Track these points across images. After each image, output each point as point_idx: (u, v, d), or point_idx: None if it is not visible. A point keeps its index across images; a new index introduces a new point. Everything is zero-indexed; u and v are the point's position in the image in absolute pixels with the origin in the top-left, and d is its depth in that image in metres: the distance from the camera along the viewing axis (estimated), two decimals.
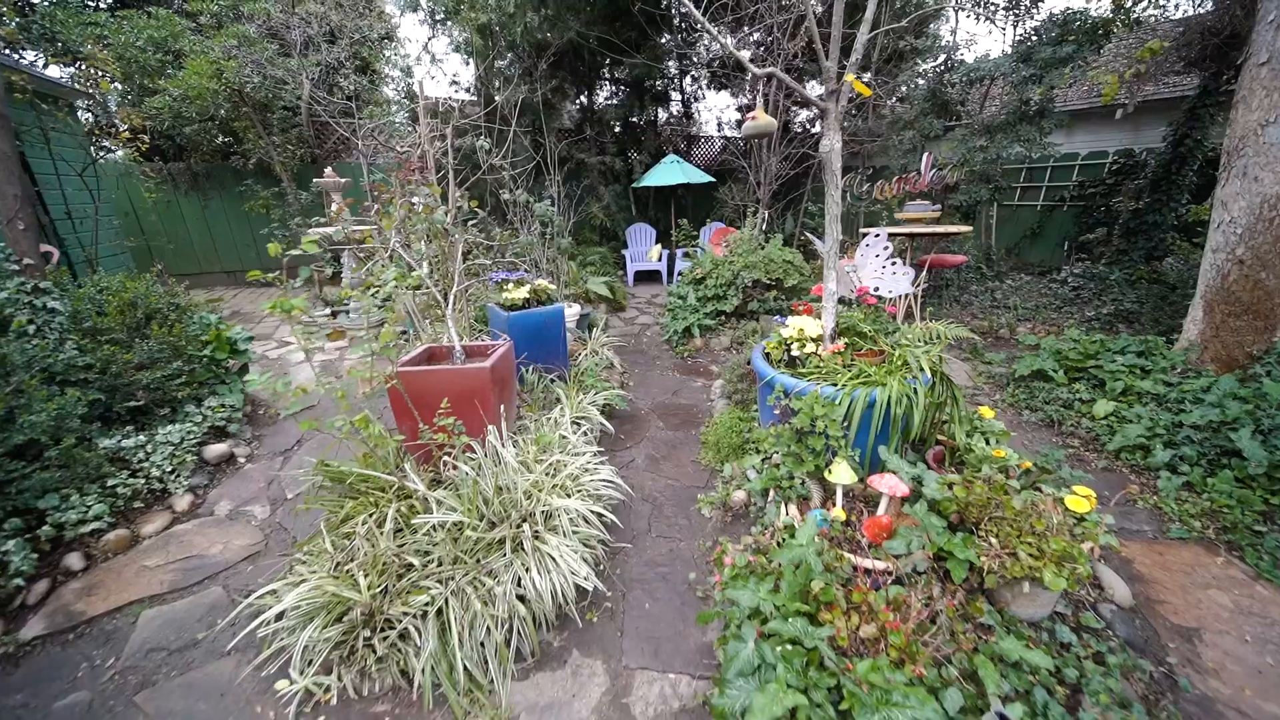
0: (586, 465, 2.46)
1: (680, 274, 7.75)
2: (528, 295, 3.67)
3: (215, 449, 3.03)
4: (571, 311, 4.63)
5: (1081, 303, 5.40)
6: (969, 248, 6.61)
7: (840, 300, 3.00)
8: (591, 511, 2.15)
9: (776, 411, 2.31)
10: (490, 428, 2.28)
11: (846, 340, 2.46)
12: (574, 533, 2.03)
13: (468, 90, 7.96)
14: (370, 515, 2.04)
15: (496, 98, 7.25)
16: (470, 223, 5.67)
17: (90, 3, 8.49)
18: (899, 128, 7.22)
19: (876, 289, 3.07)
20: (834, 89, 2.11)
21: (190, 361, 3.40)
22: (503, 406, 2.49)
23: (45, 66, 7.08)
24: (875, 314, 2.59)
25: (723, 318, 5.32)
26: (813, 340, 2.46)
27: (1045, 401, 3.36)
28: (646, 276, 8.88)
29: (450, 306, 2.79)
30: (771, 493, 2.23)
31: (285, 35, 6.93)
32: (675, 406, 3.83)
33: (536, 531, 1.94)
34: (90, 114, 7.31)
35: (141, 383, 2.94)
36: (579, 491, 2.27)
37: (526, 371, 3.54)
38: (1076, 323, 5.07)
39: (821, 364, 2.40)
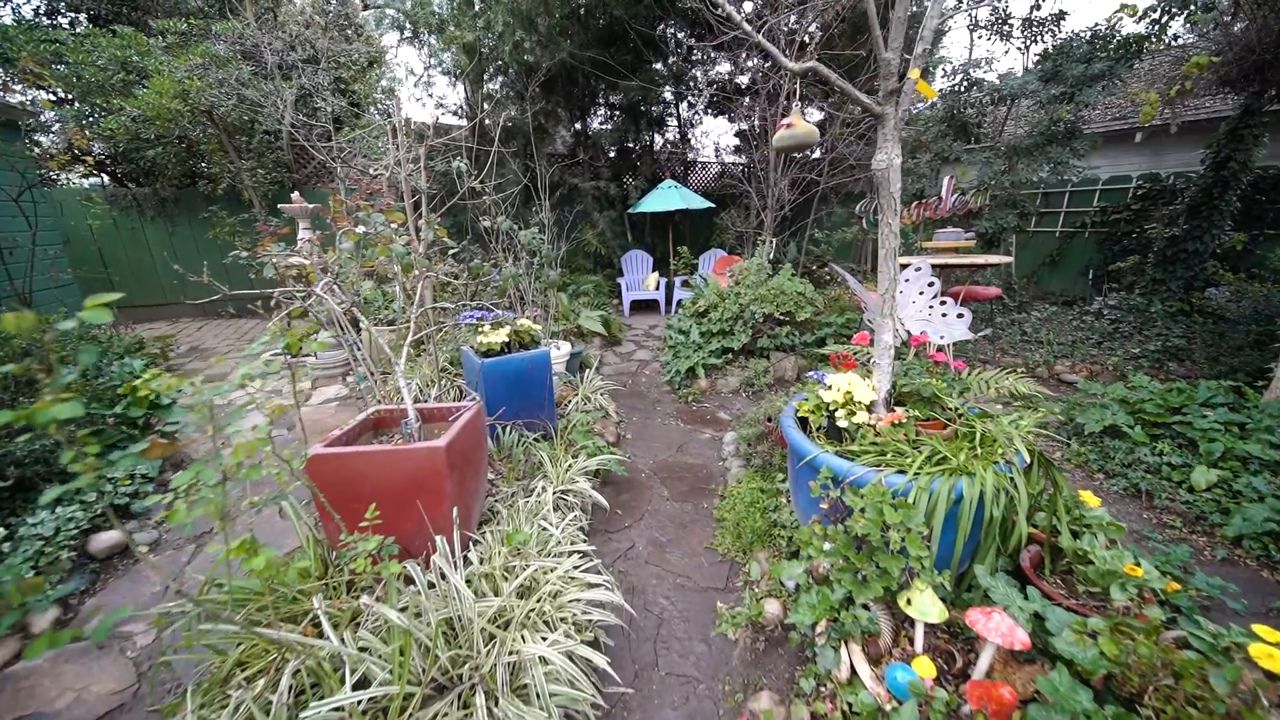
0: (573, 573, 1.87)
1: (680, 304, 7.27)
2: (507, 338, 3.13)
3: (104, 538, 2.41)
4: (560, 352, 4.09)
5: (1122, 337, 4.93)
6: (989, 276, 6.18)
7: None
8: (578, 656, 1.55)
9: (824, 505, 1.74)
10: (441, 540, 1.69)
11: (911, 409, 1.92)
12: (552, 695, 1.43)
13: (455, 113, 7.60)
14: (266, 672, 1.44)
15: (485, 120, 6.87)
16: (451, 253, 5.17)
17: (63, 22, 8.17)
18: (906, 150, 6.88)
19: (922, 333, 2.55)
20: (894, 88, 1.62)
21: (94, 422, 2.81)
22: (461, 501, 1.90)
23: (4, 88, 6.67)
24: (942, 371, 2.05)
25: (730, 355, 4.79)
26: (864, 407, 1.92)
27: (1125, 464, 2.81)
28: (643, 306, 8.40)
29: (403, 361, 2.24)
30: (824, 624, 1.64)
31: (259, 56, 6.55)
32: (681, 467, 3.25)
33: (496, 709, 1.34)
34: (47, 134, 6.86)
35: (13, 456, 2.34)
36: (562, 619, 1.67)
37: (503, 431, 2.97)
38: (1121, 360, 4.58)
39: (878, 439, 1.85)
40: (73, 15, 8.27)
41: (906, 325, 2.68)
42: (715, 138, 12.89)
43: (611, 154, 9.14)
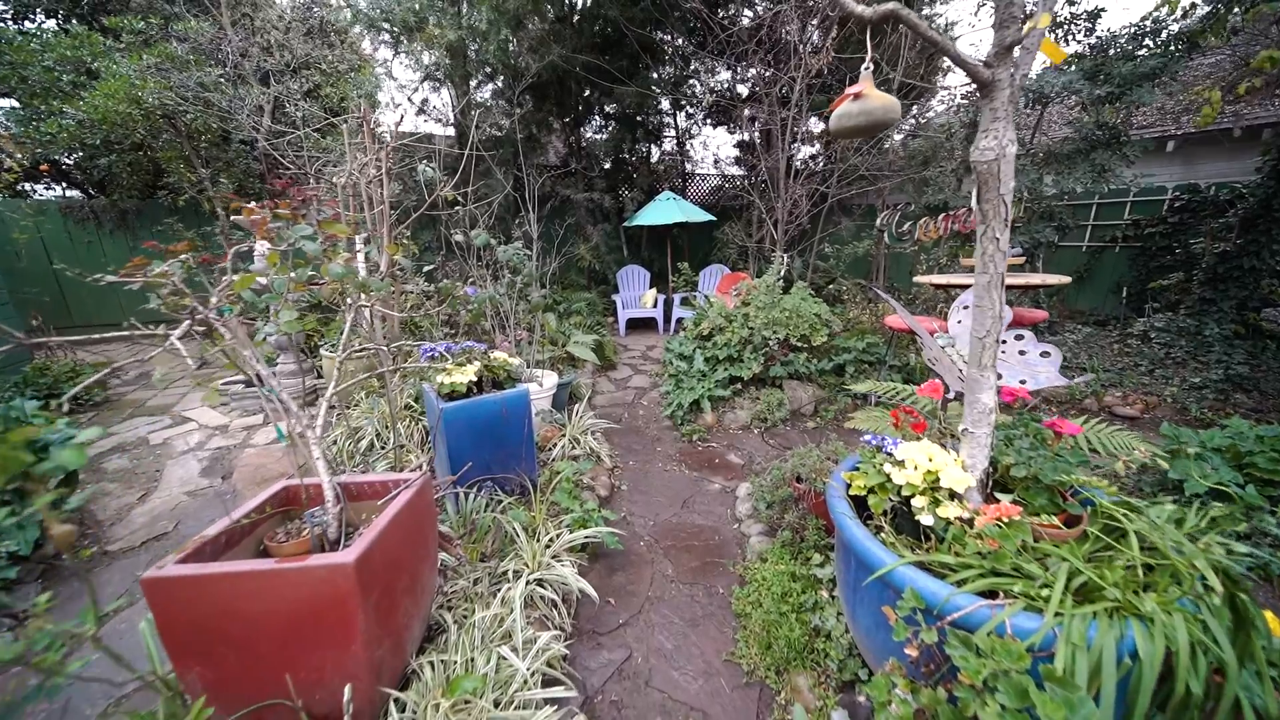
0: None
1: (680, 323, 6.75)
2: (475, 376, 2.57)
3: None
4: (545, 386, 3.53)
5: (1175, 363, 4.42)
6: (1018, 296, 5.70)
7: (950, 396, 1.94)
8: None
9: (910, 651, 1.18)
10: None
11: (1021, 498, 1.37)
12: None
13: (439, 120, 7.14)
14: None
15: (471, 126, 6.40)
16: (426, 269, 4.63)
17: (29, 25, 7.68)
18: (917, 163, 6.46)
19: (999, 378, 2.02)
20: (1012, 41, 1.11)
21: None
22: (386, 628, 1.32)
23: None
24: (1066, 446, 1.50)
25: (738, 385, 4.25)
26: (953, 496, 1.37)
27: (1241, 535, 2.26)
28: (640, 324, 7.89)
29: (320, 419, 1.68)
30: None
31: (233, 59, 6.06)
32: (688, 531, 2.68)
33: None
34: None
35: None
36: None
37: (466, 497, 2.39)
38: (1179, 390, 4.07)
39: (980, 543, 1.29)
40: (41, 19, 7.83)
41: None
42: (715, 149, 12.52)
43: (606, 165, 8.70)
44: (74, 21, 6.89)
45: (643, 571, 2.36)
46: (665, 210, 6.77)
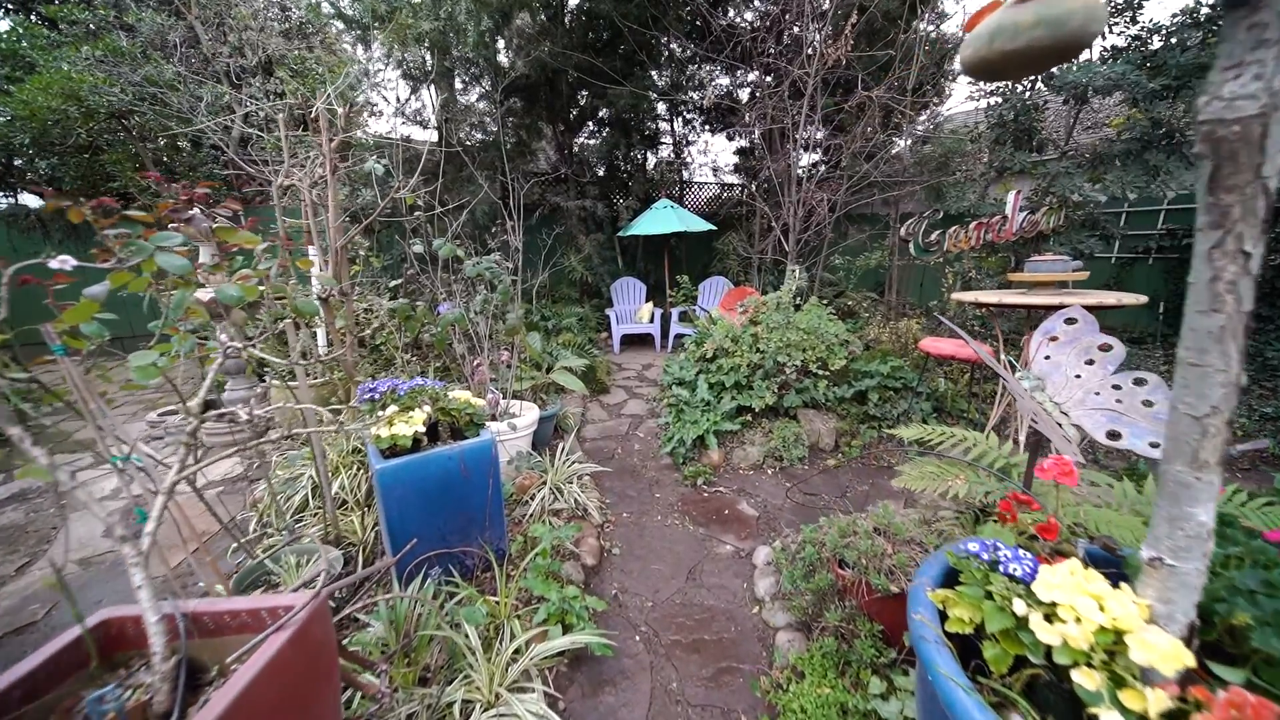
0: None
1: (680, 340, 6.24)
2: (424, 425, 2.03)
3: None
4: (522, 425, 2.99)
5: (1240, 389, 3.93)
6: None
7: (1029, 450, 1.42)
8: None
9: None
10: None
11: (1263, 681, 0.84)
12: None
13: (419, 123, 6.65)
14: None
15: (443, 120, 5.92)
16: (392, 285, 4.11)
17: None
18: (930, 165, 6.02)
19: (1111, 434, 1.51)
20: None
21: None
22: None
23: None
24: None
25: (748, 416, 3.72)
26: (1145, 670, 0.83)
27: None
28: (636, 340, 7.37)
29: (153, 520, 1.14)
30: None
31: (169, 50, 5.55)
32: (696, 618, 2.13)
33: None
34: None
35: None
36: None
37: (405, 586, 1.84)
38: (1250, 422, 3.58)
39: None
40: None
41: (1073, 419, 1.65)
42: (713, 156, 12.12)
43: (600, 172, 8.24)
44: (30, 15, 6.40)
45: (639, 684, 1.80)
46: (662, 219, 6.29)
